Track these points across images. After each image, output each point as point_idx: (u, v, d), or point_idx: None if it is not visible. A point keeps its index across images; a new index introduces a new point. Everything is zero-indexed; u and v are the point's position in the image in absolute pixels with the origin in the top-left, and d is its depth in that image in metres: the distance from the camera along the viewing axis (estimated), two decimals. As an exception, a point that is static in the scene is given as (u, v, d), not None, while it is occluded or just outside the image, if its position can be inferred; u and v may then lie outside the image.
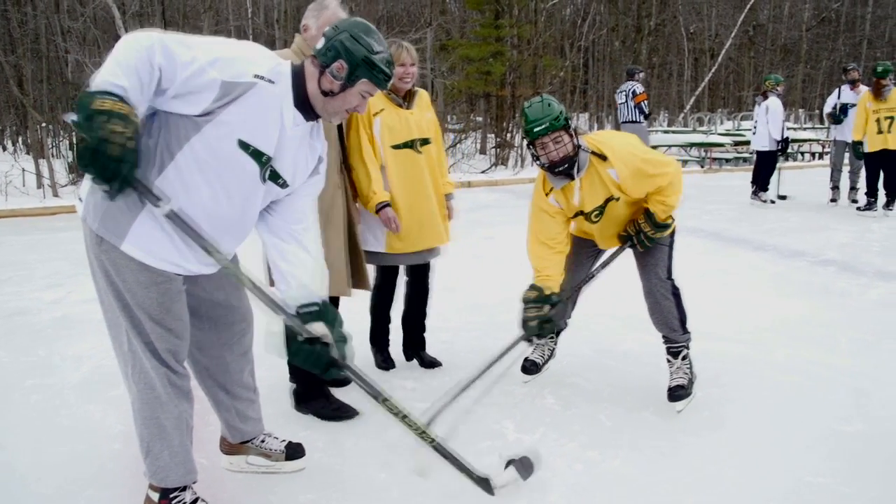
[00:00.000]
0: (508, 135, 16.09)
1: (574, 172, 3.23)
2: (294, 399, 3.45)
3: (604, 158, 3.23)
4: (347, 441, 3.13)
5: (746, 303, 5.25)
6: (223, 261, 2.24)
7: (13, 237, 7.87)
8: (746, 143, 16.65)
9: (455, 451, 2.59)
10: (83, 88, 10.86)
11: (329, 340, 2.35)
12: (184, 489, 2.45)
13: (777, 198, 10.46)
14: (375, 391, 2.49)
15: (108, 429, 3.22)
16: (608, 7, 22.70)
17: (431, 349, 4.06)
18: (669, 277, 3.46)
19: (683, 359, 3.48)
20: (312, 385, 3.37)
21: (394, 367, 3.95)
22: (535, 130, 3.14)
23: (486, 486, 2.63)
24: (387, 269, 3.88)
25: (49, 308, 5.05)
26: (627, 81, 11.81)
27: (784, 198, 10.54)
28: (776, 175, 10.38)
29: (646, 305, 3.48)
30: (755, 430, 3.25)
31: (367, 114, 3.52)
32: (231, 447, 2.85)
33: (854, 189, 10.08)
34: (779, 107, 9.98)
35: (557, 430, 3.24)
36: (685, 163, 16.21)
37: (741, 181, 12.25)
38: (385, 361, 3.97)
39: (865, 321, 4.86)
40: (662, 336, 3.52)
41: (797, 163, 17.18)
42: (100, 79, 1.95)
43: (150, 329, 2.26)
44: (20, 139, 15.37)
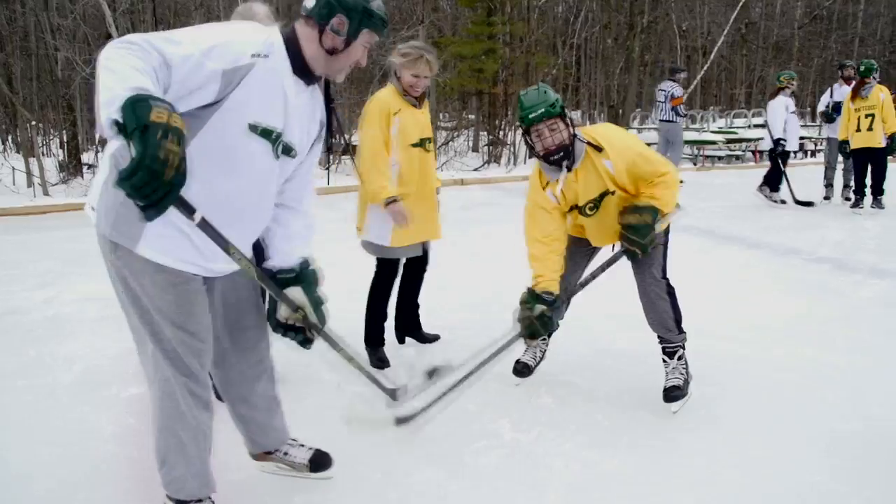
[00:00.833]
0: (501, 132, 16.06)
1: (569, 162, 3.21)
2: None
3: (599, 150, 3.21)
4: (341, 440, 3.09)
5: (741, 301, 5.24)
6: (243, 261, 2.18)
7: (3, 236, 7.80)
8: (739, 141, 16.70)
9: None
10: (71, 91, 10.68)
11: (307, 310, 2.36)
12: (199, 501, 2.40)
13: (796, 202, 9.89)
14: (348, 355, 2.56)
15: (101, 430, 3.18)
16: (601, 4, 22.68)
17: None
18: (664, 277, 3.44)
19: (679, 359, 3.45)
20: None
21: (388, 367, 3.93)
22: (531, 117, 3.13)
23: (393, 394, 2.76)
24: (388, 262, 3.98)
25: (40, 308, 5.00)
26: (667, 81, 12.03)
27: (810, 203, 9.85)
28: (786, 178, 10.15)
29: (641, 305, 3.47)
30: (752, 429, 3.24)
31: (388, 112, 3.72)
32: (257, 456, 2.77)
33: (847, 187, 10.07)
34: (779, 106, 9.83)
35: (554, 430, 3.22)
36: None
37: (734, 179, 12.27)
38: (381, 360, 3.96)
39: (861, 319, 4.86)
40: (658, 336, 3.49)
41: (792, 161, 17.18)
42: (119, 85, 1.70)
43: (171, 335, 2.20)
44: (10, 137, 15.27)
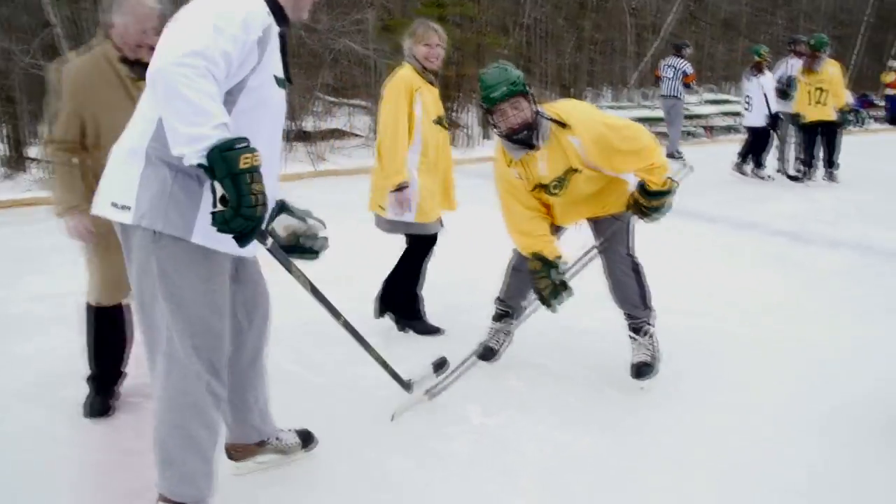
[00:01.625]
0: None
1: (534, 141, 3.15)
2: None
3: (564, 126, 3.16)
4: (332, 440, 3.01)
5: (701, 276, 5.27)
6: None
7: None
8: (691, 118, 16.80)
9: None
10: (10, 83, 10.17)
11: (308, 220, 2.49)
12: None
13: (788, 177, 10.01)
14: (374, 352, 2.76)
15: (55, 434, 3.06)
16: (551, -17, 22.65)
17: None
18: (630, 254, 3.42)
19: (647, 335, 3.44)
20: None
21: (442, 332, 4.09)
22: (493, 96, 3.08)
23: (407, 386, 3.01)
24: (424, 238, 3.98)
25: (-12, 308, 4.81)
26: (675, 56, 12.14)
27: (796, 178, 9.90)
28: (775, 150, 10.28)
29: (607, 283, 3.44)
30: (717, 402, 3.26)
31: (411, 90, 3.76)
32: (244, 451, 2.68)
33: (798, 160, 10.22)
34: (771, 81, 9.96)
35: (524, 413, 3.19)
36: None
37: (687, 154, 12.35)
38: (429, 330, 4.10)
39: (819, 290, 4.93)
40: (625, 313, 3.47)
41: (741, 136, 17.37)
42: (204, 122, 1.87)
43: (204, 330, 2.20)
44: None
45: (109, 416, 3.18)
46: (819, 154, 9.67)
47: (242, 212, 1.88)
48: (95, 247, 3.05)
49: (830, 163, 9.64)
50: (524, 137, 3.14)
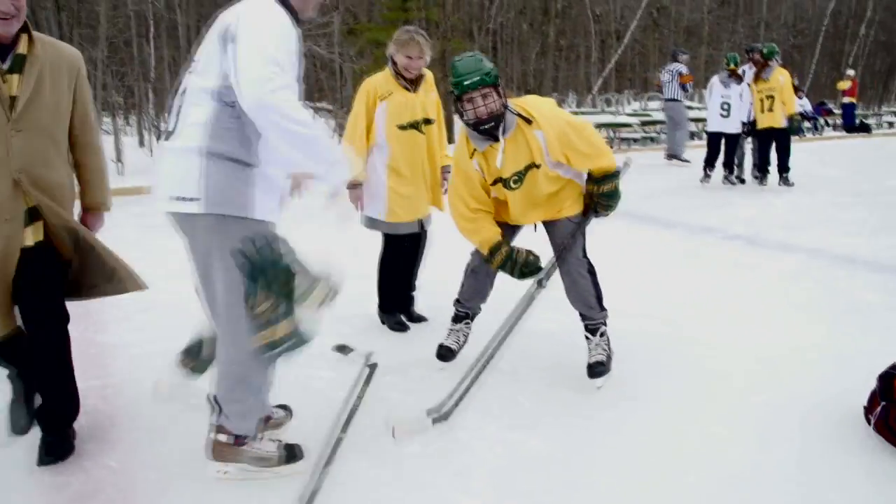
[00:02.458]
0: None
1: (499, 133, 3.19)
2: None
3: (529, 121, 3.22)
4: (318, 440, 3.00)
5: (657, 279, 5.34)
6: None
7: None
8: (654, 124, 17.00)
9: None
10: None
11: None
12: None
13: (754, 178, 10.28)
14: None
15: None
16: (516, -11, 22.82)
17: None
18: (585, 256, 3.47)
19: (601, 335, 3.49)
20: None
21: (407, 329, 4.28)
22: (466, 84, 3.11)
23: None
24: (391, 237, 4.20)
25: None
26: (672, 63, 12.55)
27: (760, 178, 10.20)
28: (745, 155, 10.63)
29: (563, 284, 3.48)
30: (669, 403, 3.30)
31: (374, 95, 3.93)
32: (226, 449, 2.65)
33: (754, 165, 10.40)
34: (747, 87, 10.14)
35: (476, 413, 3.20)
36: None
37: (649, 161, 12.50)
38: (398, 324, 4.31)
39: (773, 293, 5.01)
40: (580, 314, 3.52)
41: (701, 142, 17.59)
42: (336, 149, 2.40)
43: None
44: None
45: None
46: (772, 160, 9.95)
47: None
48: None
49: (783, 168, 9.90)
50: (490, 129, 3.18)
